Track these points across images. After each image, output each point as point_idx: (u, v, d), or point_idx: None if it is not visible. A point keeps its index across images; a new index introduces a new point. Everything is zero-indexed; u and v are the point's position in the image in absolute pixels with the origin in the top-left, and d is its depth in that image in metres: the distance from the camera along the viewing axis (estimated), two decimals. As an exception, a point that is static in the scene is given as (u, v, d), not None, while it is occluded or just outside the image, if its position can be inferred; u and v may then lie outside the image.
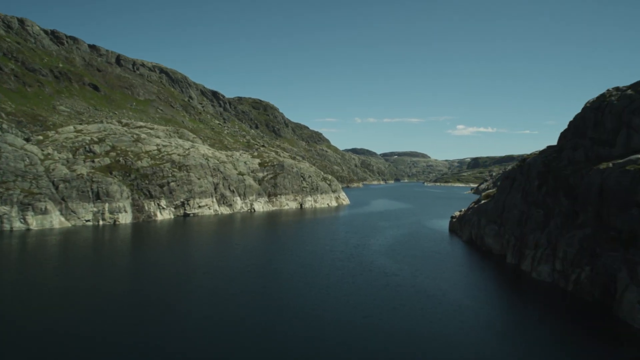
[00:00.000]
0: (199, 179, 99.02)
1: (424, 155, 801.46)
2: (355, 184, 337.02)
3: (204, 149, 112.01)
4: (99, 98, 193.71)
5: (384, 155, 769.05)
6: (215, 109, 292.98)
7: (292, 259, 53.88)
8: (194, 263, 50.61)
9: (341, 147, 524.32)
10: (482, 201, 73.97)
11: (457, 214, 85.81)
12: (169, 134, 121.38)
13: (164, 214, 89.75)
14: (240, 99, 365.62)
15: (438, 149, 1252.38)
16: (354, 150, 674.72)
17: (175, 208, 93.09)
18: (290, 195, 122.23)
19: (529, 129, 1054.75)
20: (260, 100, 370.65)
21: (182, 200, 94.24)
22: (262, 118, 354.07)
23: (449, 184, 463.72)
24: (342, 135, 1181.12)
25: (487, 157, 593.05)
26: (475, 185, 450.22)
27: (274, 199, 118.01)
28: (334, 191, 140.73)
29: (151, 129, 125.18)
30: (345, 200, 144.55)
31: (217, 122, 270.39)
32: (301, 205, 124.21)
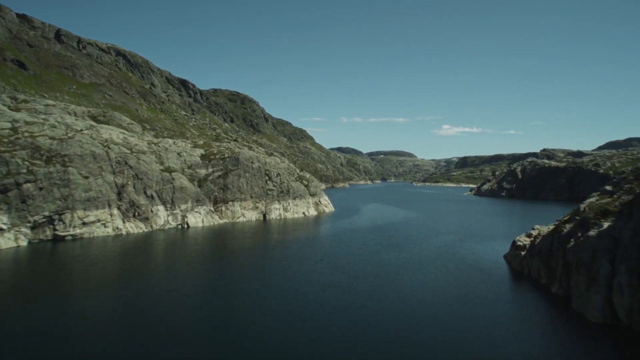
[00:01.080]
0: (86, 177, 58.17)
1: (410, 155, 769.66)
2: (340, 184, 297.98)
3: (112, 133, 71.02)
4: (26, 78, 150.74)
5: (370, 154, 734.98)
6: (184, 99, 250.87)
7: None
8: None
9: (327, 146, 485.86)
10: (605, 224, 35.16)
11: (523, 240, 46.77)
12: (68, 112, 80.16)
13: (3, 241, 48.97)
14: (215, 90, 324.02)
15: (424, 149, 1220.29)
16: (340, 149, 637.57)
17: (32, 228, 52.13)
18: (248, 202, 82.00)
19: (514, 129, 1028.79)
20: (238, 93, 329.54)
21: (47, 214, 53.45)
22: (238, 111, 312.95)
23: (440, 184, 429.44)
24: (328, 135, 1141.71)
25: (476, 157, 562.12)
26: (473, 186, 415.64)
27: (224, 208, 77.66)
28: (312, 195, 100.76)
29: (65, 108, 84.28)
30: (327, 206, 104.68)
31: (184, 113, 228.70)
32: (264, 215, 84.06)
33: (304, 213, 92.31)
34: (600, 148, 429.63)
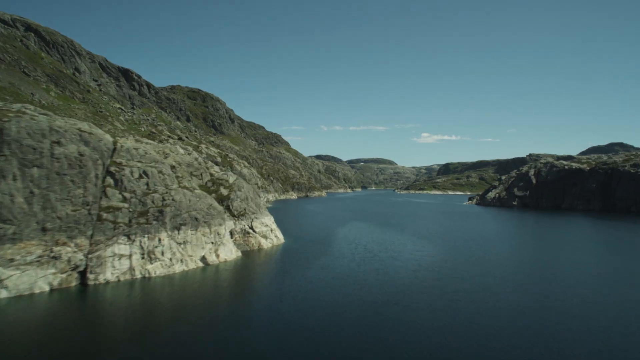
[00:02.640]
0: None
1: (390, 162, 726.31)
2: (316, 193, 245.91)
3: None
4: None
5: (350, 162, 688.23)
6: (123, 90, 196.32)
7: None
8: None
9: (307, 154, 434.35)
10: None
11: None
12: None
13: None
14: (173, 87, 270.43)
15: (404, 156, 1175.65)
16: (319, 157, 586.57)
17: None
18: (27, 244, 29.67)
19: (491, 136, 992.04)
20: (199, 90, 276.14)
21: None
22: (198, 110, 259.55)
23: (425, 192, 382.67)
24: (308, 143, 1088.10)
25: (458, 163, 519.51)
26: (460, 193, 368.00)
27: None
28: (238, 215, 48.79)
29: None
30: (269, 236, 52.56)
31: (119, 106, 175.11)
32: (84, 273, 31.71)
33: (204, 259, 39.89)
34: (582, 153, 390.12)
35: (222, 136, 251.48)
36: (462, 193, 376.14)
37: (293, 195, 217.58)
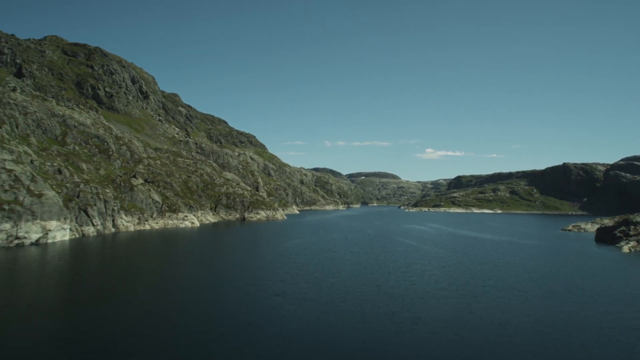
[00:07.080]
0: None
1: (394, 176, 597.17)
2: (262, 214, 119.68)
3: None
4: None
5: (350, 176, 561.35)
6: None
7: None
8: None
9: (307, 167, 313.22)
10: None
11: None
12: None
13: None
14: (44, 38, 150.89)
15: (407, 172, 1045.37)
16: (317, 170, 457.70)
17: None
18: None
19: (496, 152, 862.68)
20: (86, 45, 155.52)
21: None
22: (71, 70, 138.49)
23: (442, 209, 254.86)
24: (309, 158, 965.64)
25: (472, 176, 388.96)
26: (489, 211, 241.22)
27: None
28: None
29: None
30: None
31: None
32: None
33: None
34: (618, 163, 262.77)
35: (111, 112, 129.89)
36: (490, 211, 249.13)
37: (190, 220, 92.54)
